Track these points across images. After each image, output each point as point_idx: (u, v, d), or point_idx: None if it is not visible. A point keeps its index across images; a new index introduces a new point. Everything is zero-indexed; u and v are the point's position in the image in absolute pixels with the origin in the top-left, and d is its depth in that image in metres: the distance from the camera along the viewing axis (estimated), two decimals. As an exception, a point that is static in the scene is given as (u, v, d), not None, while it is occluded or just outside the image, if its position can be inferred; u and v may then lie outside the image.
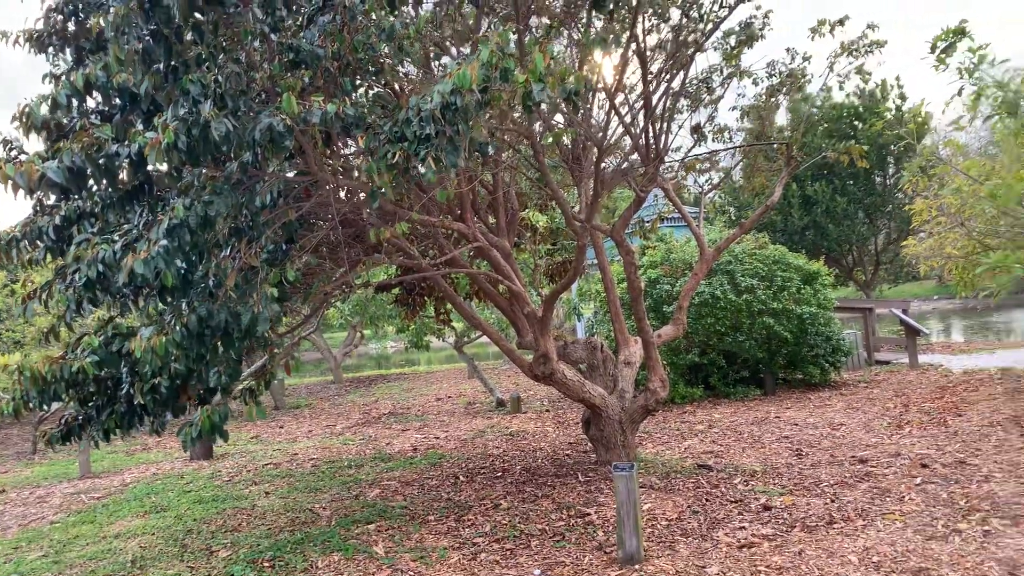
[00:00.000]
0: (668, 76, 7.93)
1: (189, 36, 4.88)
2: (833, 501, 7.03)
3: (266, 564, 6.63)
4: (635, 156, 8.48)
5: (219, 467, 11.64)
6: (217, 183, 4.86)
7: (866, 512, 6.61)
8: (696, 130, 9.02)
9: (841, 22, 8.27)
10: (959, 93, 8.55)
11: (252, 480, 10.44)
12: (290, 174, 6.13)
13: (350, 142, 6.40)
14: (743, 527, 6.50)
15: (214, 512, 8.78)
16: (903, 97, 29.73)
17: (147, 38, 4.82)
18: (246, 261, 5.25)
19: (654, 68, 7.90)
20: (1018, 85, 8.34)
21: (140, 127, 5.26)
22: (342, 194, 6.91)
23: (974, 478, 7.33)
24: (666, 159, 8.84)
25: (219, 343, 5.47)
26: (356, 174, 6.21)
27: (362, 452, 11.87)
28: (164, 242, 4.69)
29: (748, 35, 8.12)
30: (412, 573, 6.10)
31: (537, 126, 7.51)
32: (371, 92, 6.63)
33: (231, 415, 5.86)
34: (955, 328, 30.60)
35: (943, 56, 8.04)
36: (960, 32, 8.26)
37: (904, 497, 6.95)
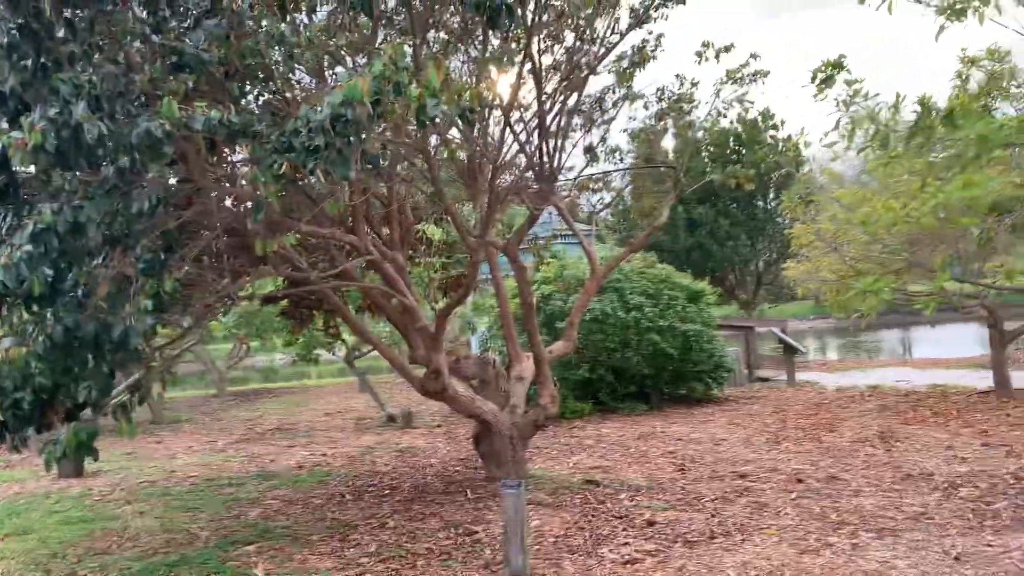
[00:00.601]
0: (562, 96, 8.03)
1: (61, 33, 4.61)
2: (714, 516, 7.22)
3: (136, 590, 6.30)
4: (529, 174, 8.55)
5: (90, 485, 11.00)
6: (90, 188, 4.60)
7: (745, 527, 6.82)
8: (589, 150, 9.17)
9: (727, 48, 8.57)
10: (836, 124, 8.99)
11: (125, 499, 9.91)
12: (172, 181, 5.89)
13: (238, 149, 6.20)
14: (627, 543, 6.59)
15: (82, 534, 8.28)
16: (776, 127, 31.23)
17: (14, 32, 4.53)
18: (120, 270, 4.99)
19: (549, 88, 7.99)
20: (888, 119, 8.84)
21: (5, 126, 4.93)
22: (228, 202, 6.68)
23: (844, 492, 7.68)
24: (560, 178, 8.95)
25: (89, 356, 5.17)
26: (242, 183, 6.01)
27: (244, 469, 11.46)
28: (28, 247, 4.40)
29: (640, 58, 8.33)
30: (293, 596, 5.91)
31: (433, 140, 7.47)
32: (261, 99, 6.45)
33: (104, 431, 5.55)
34: (830, 347, 32.17)
35: (822, 87, 8.41)
36: (838, 66, 8.68)
37: (780, 512, 7.20)
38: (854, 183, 14.40)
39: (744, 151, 30.53)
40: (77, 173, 4.93)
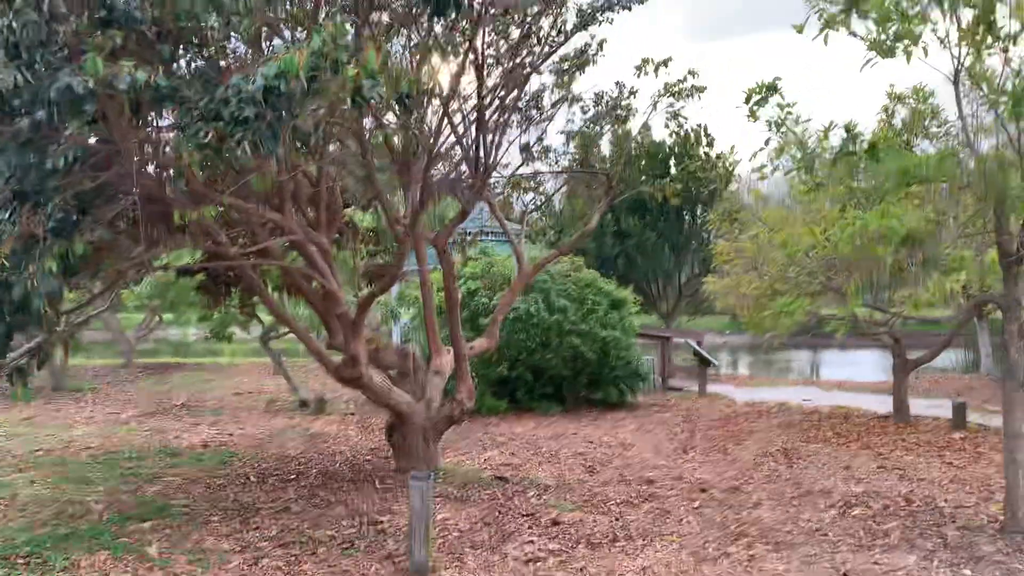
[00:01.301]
0: (503, 92, 8.02)
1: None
2: (618, 519, 7.31)
3: (20, 561, 6.03)
4: (464, 167, 8.51)
5: (-22, 451, 10.53)
6: (1, 139, 4.38)
7: (647, 532, 6.92)
8: (525, 149, 9.19)
9: (665, 63, 8.68)
10: (765, 144, 9.19)
11: (17, 467, 9.51)
12: (92, 140, 5.65)
13: (164, 114, 5.98)
14: (531, 541, 6.62)
15: (-35, 501, 7.91)
16: (710, 144, 31.88)
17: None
18: (27, 228, 4.77)
19: (490, 82, 7.96)
20: (815, 145, 9.09)
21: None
22: (151, 168, 6.44)
23: (746, 504, 7.87)
24: (494, 175, 8.94)
25: (-14, 316, 4.93)
26: (166, 149, 5.81)
27: (147, 444, 11.12)
28: (-73, 197, 4.16)
29: (582, 62, 8.37)
30: (186, 576, 5.75)
31: (368, 123, 7.36)
32: (193, 65, 6.24)
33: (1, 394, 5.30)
34: (743, 362, 33.00)
35: (755, 108, 8.59)
36: (772, 88, 8.88)
37: (683, 519, 7.34)
38: (779, 205, 14.80)
39: (675, 166, 31.06)
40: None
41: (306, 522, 7.12)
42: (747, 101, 8.71)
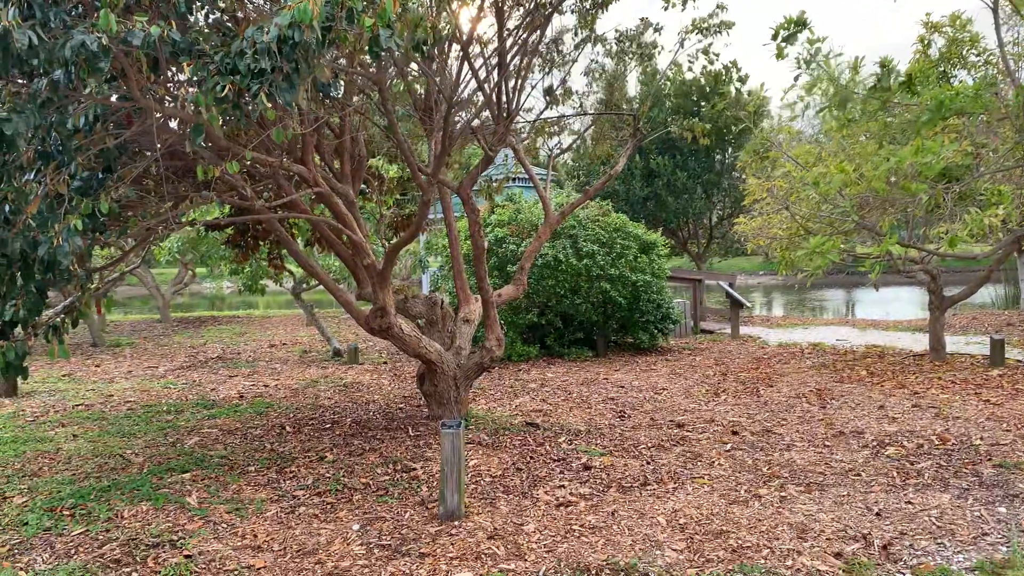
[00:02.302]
0: (524, 34, 7.85)
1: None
2: (649, 463, 7.34)
3: (66, 512, 6.21)
4: (486, 113, 8.40)
5: (23, 406, 10.80)
6: (19, 101, 4.38)
7: (678, 475, 6.95)
8: (548, 92, 9.03)
9: None
10: (795, 81, 8.97)
11: (60, 421, 9.76)
12: (113, 98, 5.63)
13: (183, 69, 5.94)
14: (563, 486, 6.68)
15: (12, 455, 8.13)
16: (742, 80, 31.16)
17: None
18: (53, 188, 4.79)
19: (511, 24, 7.79)
20: (848, 79, 8.85)
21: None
22: (173, 124, 6.43)
23: (777, 446, 7.86)
24: (518, 119, 8.81)
25: (16, 274, 4.99)
26: (184, 105, 5.78)
27: (184, 397, 11.34)
28: (-49, 160, 4.19)
29: (601, 2, 8.16)
30: (225, 525, 5.88)
31: (391, 71, 7.27)
32: (211, 18, 6.17)
33: (40, 351, 5.39)
34: (776, 303, 32.75)
35: (783, 45, 8.37)
36: (801, 23, 8.63)
37: (714, 462, 7.35)
38: (811, 142, 14.49)
39: (705, 104, 30.50)
40: (7, 84, 4.69)
41: (341, 470, 7.24)
42: (775, 38, 8.48)
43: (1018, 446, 7.42)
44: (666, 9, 8.67)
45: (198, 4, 5.67)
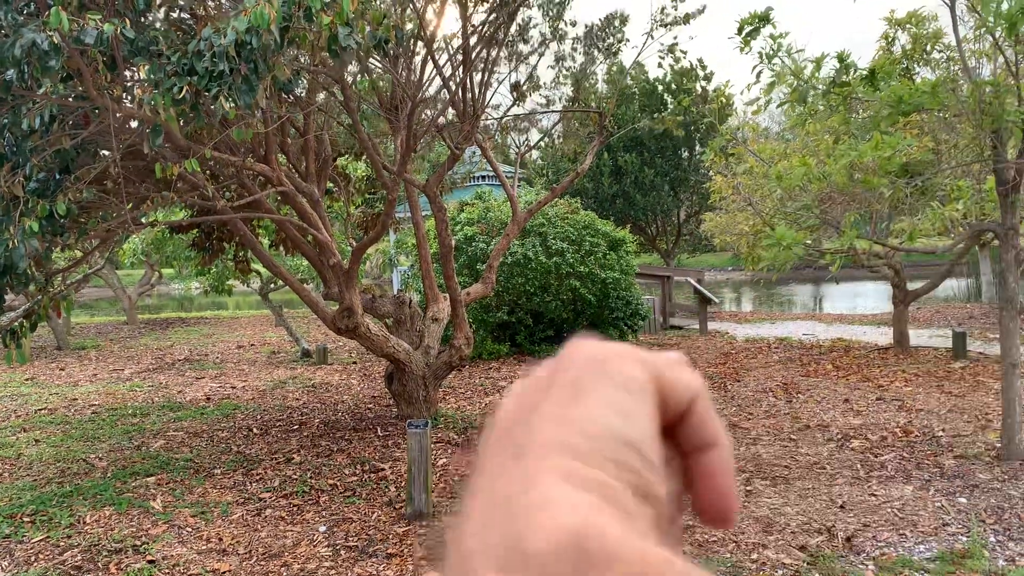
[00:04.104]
0: (489, 30, 7.84)
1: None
2: (617, 460, 7.37)
3: (26, 519, 6.11)
4: (452, 110, 8.37)
5: (-16, 412, 10.61)
6: (-29, 100, 4.29)
7: (646, 471, 6.98)
8: (515, 88, 9.03)
9: None
10: (758, 77, 9.03)
11: (21, 426, 9.59)
12: (70, 98, 5.54)
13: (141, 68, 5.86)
14: (532, 484, 6.68)
15: (-29, 462, 7.99)
16: (708, 78, 31.38)
17: None
18: (7, 190, 4.71)
19: (476, 20, 7.78)
20: (810, 75, 8.93)
21: None
22: (134, 123, 6.34)
23: (744, 440, 7.93)
24: (485, 117, 8.79)
25: (-28, 279, 4.90)
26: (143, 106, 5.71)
27: (150, 399, 11.20)
28: (-98, 162, 4.09)
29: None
30: (190, 529, 5.82)
31: (352, 69, 7.23)
32: (171, 16, 6.11)
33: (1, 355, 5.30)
34: (744, 298, 33.03)
35: (747, 39, 8.41)
36: (764, 18, 8.69)
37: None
38: (776, 139, 14.62)
39: (671, 101, 30.67)
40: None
41: (308, 472, 7.19)
42: (739, 32, 8.53)
43: (979, 437, 7.55)
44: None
45: (157, 2, 5.60)
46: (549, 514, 0.30)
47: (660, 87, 31.53)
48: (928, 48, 10.97)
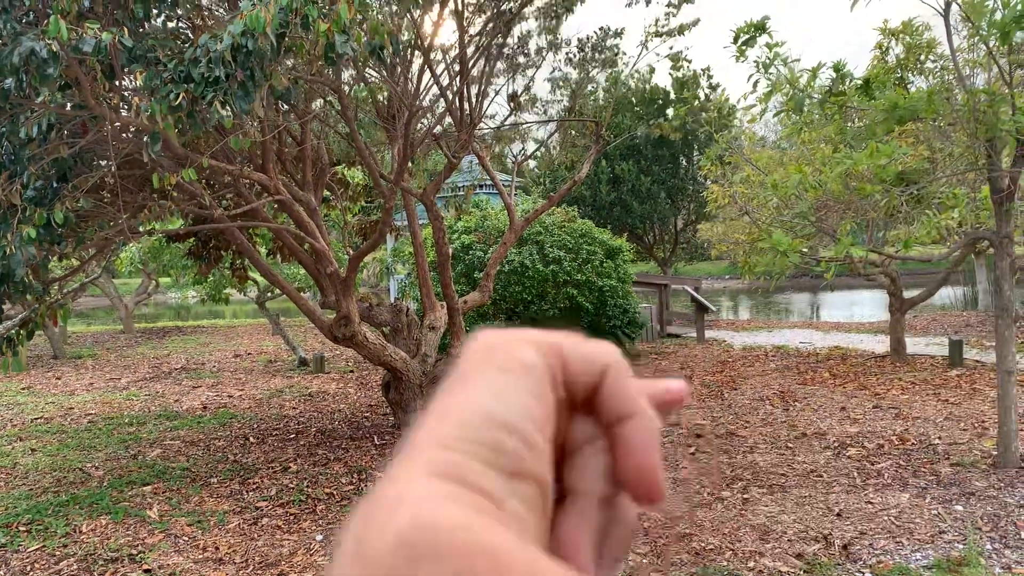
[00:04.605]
0: (486, 40, 7.88)
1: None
2: (614, 468, 7.36)
3: (22, 528, 6.09)
4: (449, 120, 8.40)
5: (-21, 421, 10.59)
6: (-31, 108, 4.30)
7: (643, 479, 6.97)
8: (512, 98, 9.06)
9: None
10: (754, 87, 9.07)
11: (17, 436, 9.57)
12: (67, 106, 5.55)
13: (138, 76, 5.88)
14: (528, 492, 6.68)
15: (-33, 471, 7.97)
16: (713, 88, 31.44)
17: None
18: (5, 198, 4.71)
19: (473, 31, 7.81)
20: (805, 84, 8.97)
21: None
22: (130, 132, 6.35)
23: (741, 448, 7.93)
24: (482, 126, 8.82)
25: (-31, 288, 4.90)
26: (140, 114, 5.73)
27: (147, 408, 11.18)
28: (-100, 170, 4.10)
29: (568, 3, 8.21)
30: (186, 538, 5.80)
31: (347, 77, 7.25)
32: (169, 25, 6.13)
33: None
34: (741, 306, 33.07)
35: (743, 48, 8.45)
36: (761, 27, 8.73)
37: (678, 465, 7.40)
38: (773, 148, 14.66)
39: (671, 111, 30.75)
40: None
41: (305, 480, 7.18)
42: (735, 41, 8.57)
43: (975, 445, 7.56)
44: (629, 6, 8.71)
45: (155, 11, 5.62)
46: (395, 511, 0.29)
47: (659, 96, 31.63)
48: (922, 58, 11.04)
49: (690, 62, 9.39)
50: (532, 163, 31.04)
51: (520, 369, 0.36)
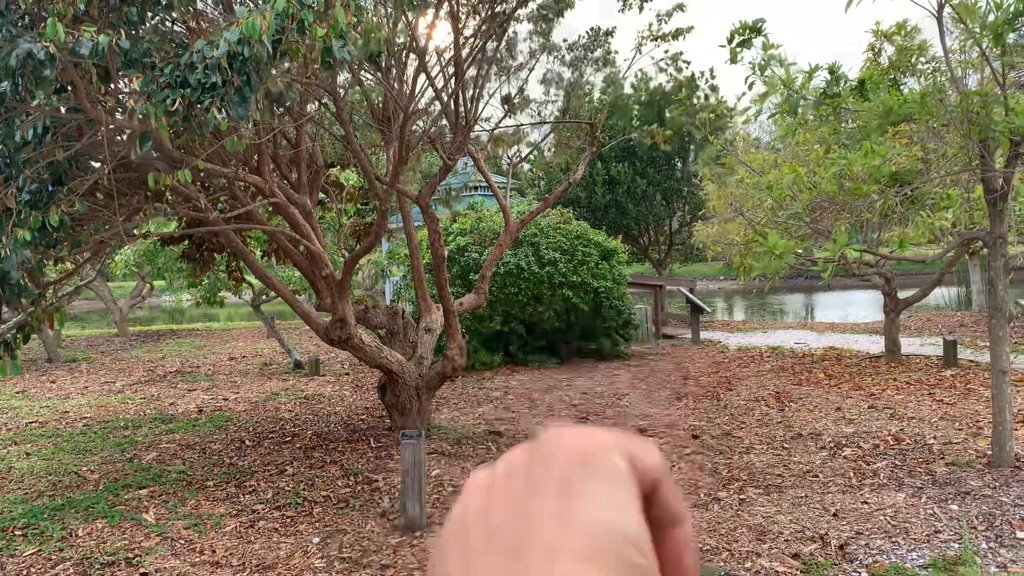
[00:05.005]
0: (480, 42, 7.88)
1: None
2: (611, 469, 7.37)
3: (17, 532, 6.08)
4: (444, 122, 8.40)
5: (-26, 425, 10.55)
6: (-36, 112, 4.30)
7: (639, 480, 6.98)
8: (506, 100, 9.06)
9: None
10: (750, 87, 9.09)
11: (12, 440, 9.54)
12: (63, 110, 5.54)
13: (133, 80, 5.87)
14: (525, 494, 6.68)
15: (-38, 476, 7.94)
16: (714, 89, 31.51)
17: None
18: (1, 202, 4.71)
19: (467, 32, 7.82)
20: (800, 85, 8.99)
21: None
22: (125, 135, 6.34)
23: (736, 449, 7.95)
24: (477, 128, 8.82)
25: (-35, 292, 4.89)
26: (140, 115, 5.72)
27: (142, 412, 11.16)
28: None
29: (560, 6, 8.23)
30: (183, 541, 5.79)
31: (342, 80, 7.25)
32: (163, 28, 6.11)
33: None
34: (736, 307, 33.12)
35: (737, 50, 8.47)
36: (756, 29, 8.75)
37: (674, 466, 7.41)
38: (767, 149, 14.70)
39: (668, 114, 30.79)
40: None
41: (301, 483, 7.17)
42: (730, 42, 8.58)
43: (970, 444, 7.59)
44: (623, 11, 8.74)
45: (150, 15, 5.62)
46: None
47: (658, 96, 31.67)
48: (913, 60, 11.08)
49: (688, 63, 9.38)
50: (527, 165, 31.06)
51: (622, 480, 0.38)
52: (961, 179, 9.62)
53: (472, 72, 7.92)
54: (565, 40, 9.08)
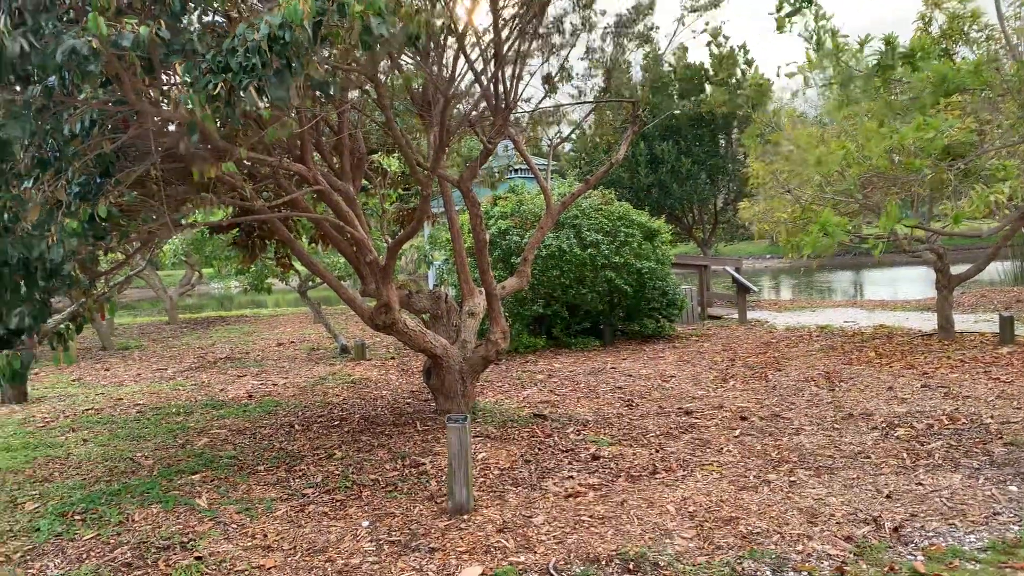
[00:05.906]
0: (520, 23, 7.80)
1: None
2: (658, 451, 7.33)
3: (77, 517, 6.23)
4: (484, 105, 8.35)
5: (33, 412, 10.83)
6: (15, 107, 4.36)
7: (687, 463, 6.93)
8: (547, 80, 8.97)
9: None
10: (808, 57, 8.89)
11: (69, 427, 9.79)
12: (109, 103, 5.62)
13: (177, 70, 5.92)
14: (571, 476, 6.67)
15: (23, 461, 8.16)
16: (749, 63, 30.94)
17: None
18: (51, 194, 4.79)
19: (507, 14, 7.74)
20: (852, 56, 8.76)
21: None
22: (172, 127, 6.41)
23: (786, 431, 7.84)
24: (516, 110, 8.76)
25: (20, 282, 4.99)
26: (187, 105, 5.77)
27: (193, 398, 11.37)
28: (-51, 168, 4.19)
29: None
30: (235, 526, 5.89)
31: (383, 66, 7.24)
32: (204, 19, 6.15)
33: (45, 356, 5.40)
34: (783, 286, 32.65)
35: (784, 20, 8.28)
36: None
37: (723, 449, 7.33)
38: (814, 124, 14.39)
39: (710, 89, 30.32)
40: (1, 91, 4.67)
41: (350, 467, 7.24)
42: (778, 10, 8.37)
43: (1029, 423, 7.38)
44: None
45: (192, 5, 5.65)
46: None
47: (698, 73, 31.17)
48: (966, 28, 10.73)
49: (728, 38, 9.21)
50: (568, 146, 30.88)
51: None
52: (1018, 151, 9.31)
53: (512, 51, 7.85)
54: (604, 12, 8.95)
